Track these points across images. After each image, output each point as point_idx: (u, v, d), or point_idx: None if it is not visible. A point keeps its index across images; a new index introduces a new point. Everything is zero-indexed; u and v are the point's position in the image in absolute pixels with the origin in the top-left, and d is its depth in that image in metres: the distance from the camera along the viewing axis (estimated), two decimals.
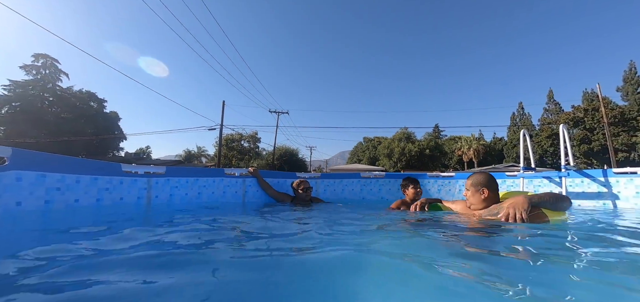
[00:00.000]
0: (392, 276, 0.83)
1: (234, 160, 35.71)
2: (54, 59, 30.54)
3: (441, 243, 1.27)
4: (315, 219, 2.02)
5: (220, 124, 22.98)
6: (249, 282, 0.77)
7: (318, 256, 1.04)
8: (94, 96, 32.91)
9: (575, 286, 0.79)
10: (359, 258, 0.98)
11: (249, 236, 1.41)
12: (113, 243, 1.15)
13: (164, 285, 0.73)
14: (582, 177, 3.40)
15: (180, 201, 2.96)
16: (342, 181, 4.15)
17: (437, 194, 4.15)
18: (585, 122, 32.18)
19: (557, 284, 0.79)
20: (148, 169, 2.70)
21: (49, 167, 1.89)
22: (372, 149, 49.81)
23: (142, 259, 0.95)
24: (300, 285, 0.74)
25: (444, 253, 1.09)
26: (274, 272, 0.85)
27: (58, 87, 30.58)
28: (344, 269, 0.87)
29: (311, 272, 0.85)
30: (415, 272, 0.85)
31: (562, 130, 3.44)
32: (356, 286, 0.73)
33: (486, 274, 0.83)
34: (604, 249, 1.23)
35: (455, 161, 44.10)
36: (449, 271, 0.84)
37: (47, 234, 1.39)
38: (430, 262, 0.92)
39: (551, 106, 40.78)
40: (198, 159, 42.42)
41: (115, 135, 34.01)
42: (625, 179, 3.18)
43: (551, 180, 3.59)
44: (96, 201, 2.19)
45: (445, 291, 0.70)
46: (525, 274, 0.86)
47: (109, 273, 0.80)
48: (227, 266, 0.90)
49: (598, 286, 0.78)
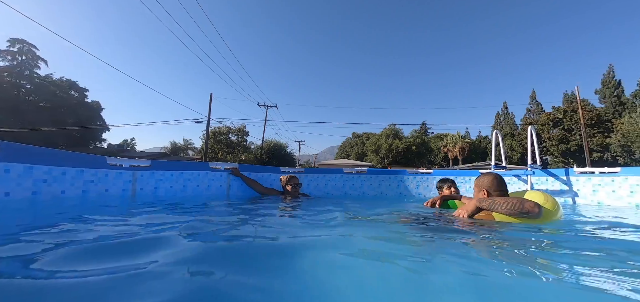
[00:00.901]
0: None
1: (221, 153, 35.36)
2: (32, 44, 29.26)
3: (411, 240, 1.36)
4: (299, 212, 2.15)
5: (208, 117, 22.71)
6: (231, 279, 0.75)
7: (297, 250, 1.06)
8: (75, 85, 31.81)
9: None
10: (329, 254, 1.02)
11: (231, 230, 1.51)
12: (93, 233, 1.21)
13: (134, 274, 0.73)
14: (546, 176, 3.66)
15: (165, 193, 3.03)
16: (325, 176, 4.30)
17: (415, 190, 4.36)
18: (564, 123, 33.49)
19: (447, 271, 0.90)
20: (133, 162, 2.76)
21: (36, 159, 1.95)
22: (360, 145, 50.27)
23: (116, 248, 0.98)
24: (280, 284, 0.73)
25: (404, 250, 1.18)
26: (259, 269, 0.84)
27: (36, 75, 29.36)
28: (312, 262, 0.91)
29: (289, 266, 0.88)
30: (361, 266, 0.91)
31: (529, 132, 3.69)
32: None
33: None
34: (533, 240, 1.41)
35: (441, 158, 45.12)
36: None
37: (33, 223, 1.46)
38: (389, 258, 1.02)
39: (533, 106, 42.15)
40: (184, 152, 41.75)
41: (98, 126, 33.04)
42: (584, 177, 3.46)
43: (519, 178, 3.84)
44: (82, 192, 2.25)
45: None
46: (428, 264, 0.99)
47: (88, 262, 0.83)
48: (209, 261, 0.89)
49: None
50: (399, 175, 4.47)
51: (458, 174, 4.32)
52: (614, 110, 32.46)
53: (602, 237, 1.55)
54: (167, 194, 3.02)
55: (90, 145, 32.45)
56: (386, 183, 4.42)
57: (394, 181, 4.41)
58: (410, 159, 39.59)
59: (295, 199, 3.22)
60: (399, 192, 4.36)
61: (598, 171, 3.40)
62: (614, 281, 0.82)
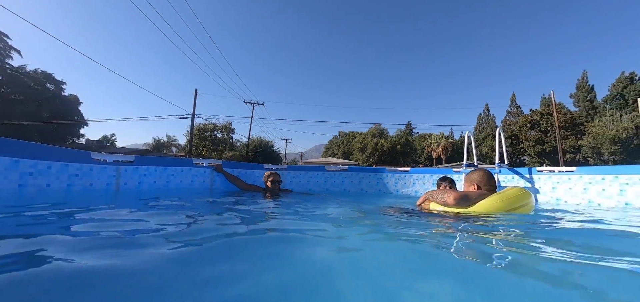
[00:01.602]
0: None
1: (206, 151, 34.84)
2: (4, 33, 27.78)
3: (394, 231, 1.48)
4: (282, 207, 2.28)
5: (192, 113, 22.37)
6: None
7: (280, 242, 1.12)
8: (51, 77, 30.45)
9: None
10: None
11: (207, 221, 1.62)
12: (77, 225, 1.28)
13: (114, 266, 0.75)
14: (512, 174, 3.95)
15: (149, 188, 3.09)
16: (308, 173, 4.44)
17: (393, 187, 4.57)
18: (541, 125, 35.03)
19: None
20: (117, 157, 2.81)
21: (22, 153, 1.99)
22: (346, 144, 50.73)
23: (100, 241, 1.01)
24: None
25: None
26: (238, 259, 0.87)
27: (8, 66, 27.92)
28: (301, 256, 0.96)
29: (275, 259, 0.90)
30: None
31: (498, 133, 3.96)
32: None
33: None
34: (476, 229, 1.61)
35: (425, 157, 46.21)
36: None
37: (18, 214, 1.53)
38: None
39: (513, 109, 43.75)
40: (168, 149, 40.83)
41: (75, 120, 31.81)
42: (545, 176, 3.76)
43: None
44: (66, 186, 2.30)
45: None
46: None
47: (73, 253, 0.84)
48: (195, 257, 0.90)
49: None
50: (379, 173, 4.67)
51: (434, 172, 4.57)
52: (586, 114, 34.23)
53: (552, 228, 1.68)
54: (151, 189, 3.09)
55: (67, 140, 31.22)
56: (366, 180, 4.61)
57: (373, 179, 4.61)
58: (395, 158, 40.32)
59: (275, 195, 3.33)
60: (378, 189, 4.55)
61: (557, 170, 3.71)
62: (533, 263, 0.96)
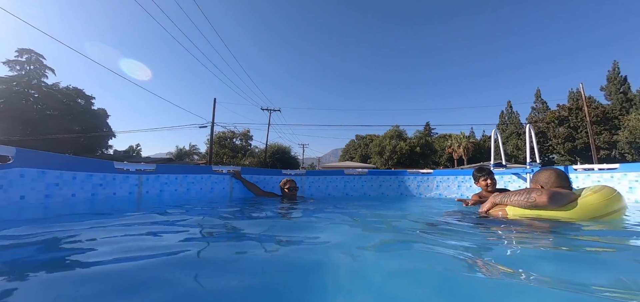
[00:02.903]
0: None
1: (226, 158, 35.61)
2: (39, 54, 29.86)
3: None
4: (294, 214, 2.22)
5: (211, 122, 22.94)
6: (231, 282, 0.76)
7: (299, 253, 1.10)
8: (82, 93, 32.32)
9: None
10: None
11: (231, 232, 1.58)
12: (103, 233, 1.29)
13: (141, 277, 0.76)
14: None
15: (170, 196, 3.13)
16: (326, 178, 4.36)
17: (416, 190, 4.40)
18: (570, 121, 33.15)
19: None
20: (139, 166, 2.87)
21: (48, 164, 2.05)
22: (364, 147, 50.23)
23: (126, 251, 1.01)
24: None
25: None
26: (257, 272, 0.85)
27: (43, 84, 29.92)
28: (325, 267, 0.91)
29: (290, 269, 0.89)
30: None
31: (528, 130, 3.72)
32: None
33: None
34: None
35: (445, 159, 44.89)
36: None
37: (46, 223, 1.55)
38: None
39: (538, 105, 41.80)
40: (190, 157, 42.13)
41: (104, 133, 33.49)
42: (583, 175, 3.48)
43: (519, 176, 3.87)
44: (91, 195, 2.36)
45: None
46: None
47: (97, 261, 0.87)
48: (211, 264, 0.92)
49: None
50: (400, 176, 4.51)
51: (459, 173, 4.36)
52: (620, 107, 32.06)
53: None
54: (172, 196, 3.12)
55: (97, 152, 32.90)
56: (387, 184, 4.47)
57: (394, 182, 4.46)
58: (414, 160, 39.47)
59: (292, 201, 3.27)
60: (399, 193, 4.40)
61: (597, 168, 3.42)
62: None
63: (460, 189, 4.22)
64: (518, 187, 3.84)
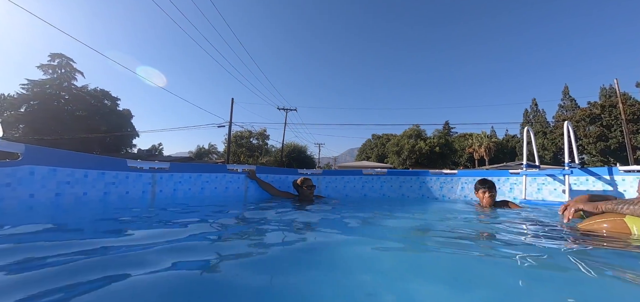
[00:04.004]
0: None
1: (243, 157, 36.14)
2: (69, 58, 31.45)
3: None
4: (314, 214, 2.08)
5: (229, 121, 23.28)
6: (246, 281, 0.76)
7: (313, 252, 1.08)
8: (108, 94, 33.75)
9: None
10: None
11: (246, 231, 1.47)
12: (116, 234, 1.23)
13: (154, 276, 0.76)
14: (586, 175, 3.35)
15: (184, 195, 3.06)
16: (344, 178, 4.20)
17: (438, 191, 4.15)
18: (603, 119, 31.16)
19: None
20: (153, 164, 2.81)
21: (59, 162, 2.02)
22: (380, 147, 49.54)
23: (140, 251, 1.00)
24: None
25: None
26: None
27: (73, 86, 31.49)
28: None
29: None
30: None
31: (566, 128, 3.40)
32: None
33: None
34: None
35: (465, 159, 43.46)
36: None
37: (57, 223, 1.50)
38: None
39: (566, 102, 39.62)
40: (208, 156, 43.09)
41: (128, 132, 34.82)
42: (632, 177, 3.12)
43: (555, 178, 3.55)
44: (103, 194, 2.32)
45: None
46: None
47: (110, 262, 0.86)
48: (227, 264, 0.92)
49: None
50: (421, 176, 4.28)
51: (486, 174, 4.07)
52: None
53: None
54: (185, 196, 3.06)
55: (122, 150, 34.24)
56: (407, 185, 4.24)
57: (415, 183, 4.23)
58: (433, 160, 38.45)
59: (309, 202, 3.14)
60: (421, 194, 4.17)
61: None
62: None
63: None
64: (553, 190, 3.52)
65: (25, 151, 1.83)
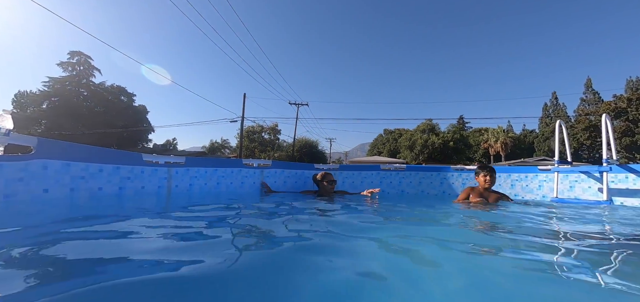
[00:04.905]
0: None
1: (256, 151, 36.42)
2: (88, 55, 32.27)
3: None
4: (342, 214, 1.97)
5: (242, 116, 23.40)
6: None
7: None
8: (124, 91, 34.52)
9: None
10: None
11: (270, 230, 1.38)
12: (134, 229, 1.19)
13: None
14: (626, 173, 3.09)
15: (200, 190, 3.01)
16: (361, 173, 4.06)
17: (460, 189, 3.95)
18: (629, 113, 29.64)
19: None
20: (168, 159, 2.76)
21: (73, 156, 1.97)
22: (392, 142, 48.86)
23: (159, 245, 0.98)
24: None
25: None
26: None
27: (91, 83, 32.35)
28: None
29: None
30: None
31: (604, 121, 3.15)
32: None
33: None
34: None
35: (480, 154, 42.28)
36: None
37: (74, 219, 1.43)
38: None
39: (589, 96, 37.95)
40: (221, 151, 43.60)
41: (144, 127, 35.60)
42: None
43: (590, 175, 3.30)
44: (119, 189, 2.27)
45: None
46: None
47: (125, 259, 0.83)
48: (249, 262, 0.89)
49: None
50: (442, 172, 4.09)
51: (512, 170, 3.85)
52: None
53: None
54: (201, 191, 3.00)
55: (138, 145, 35.05)
56: (427, 181, 4.07)
57: (436, 179, 4.06)
58: (447, 155, 37.66)
59: (329, 197, 3.04)
60: (441, 191, 3.99)
61: None
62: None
63: (514, 189, 3.73)
64: (587, 188, 3.28)
65: (37, 144, 1.77)
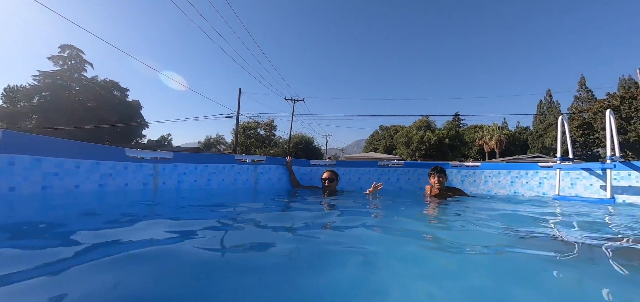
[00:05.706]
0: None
1: (252, 148, 36.14)
2: (79, 49, 31.60)
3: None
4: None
5: (237, 112, 23.14)
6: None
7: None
8: (117, 85, 33.93)
9: None
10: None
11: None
12: (113, 232, 1.11)
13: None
14: (629, 170, 3.02)
15: (189, 187, 2.86)
16: (358, 170, 3.94)
17: (460, 186, 3.86)
18: (622, 111, 29.94)
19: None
20: (155, 154, 2.60)
21: (45, 151, 1.81)
22: (388, 138, 48.90)
23: (139, 249, 0.92)
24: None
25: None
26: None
27: (83, 77, 31.70)
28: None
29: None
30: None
31: (608, 117, 3.06)
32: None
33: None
34: None
35: (476, 151, 42.51)
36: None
37: (43, 220, 1.29)
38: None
39: (583, 94, 38.25)
40: (216, 147, 43.21)
41: (138, 123, 35.07)
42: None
43: (592, 172, 3.22)
44: (98, 187, 2.11)
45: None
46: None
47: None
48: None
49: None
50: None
51: (511, 167, 3.76)
52: None
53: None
54: (191, 188, 2.85)
55: (132, 141, 34.56)
56: (426, 177, 3.96)
57: None
58: (443, 152, 37.78)
59: (332, 194, 2.97)
60: None
61: None
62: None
63: (514, 186, 3.64)
64: (589, 186, 3.20)
65: (2, 137, 1.61)
